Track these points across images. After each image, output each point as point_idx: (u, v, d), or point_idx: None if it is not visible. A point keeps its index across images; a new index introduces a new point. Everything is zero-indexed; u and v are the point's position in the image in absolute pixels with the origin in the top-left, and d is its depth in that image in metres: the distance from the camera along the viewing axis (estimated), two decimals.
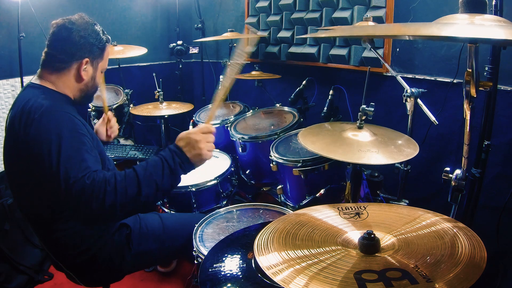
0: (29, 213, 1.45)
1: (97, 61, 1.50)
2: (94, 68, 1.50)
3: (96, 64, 1.50)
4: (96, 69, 1.51)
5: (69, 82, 1.46)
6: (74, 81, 1.46)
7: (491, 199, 1.93)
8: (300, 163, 1.94)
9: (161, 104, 2.99)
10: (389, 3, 2.25)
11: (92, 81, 1.52)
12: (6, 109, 2.91)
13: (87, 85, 1.51)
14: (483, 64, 1.70)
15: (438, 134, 2.18)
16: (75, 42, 1.41)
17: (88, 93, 1.54)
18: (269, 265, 0.89)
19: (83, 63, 1.44)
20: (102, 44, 1.50)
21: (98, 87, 1.58)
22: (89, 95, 1.56)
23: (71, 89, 1.47)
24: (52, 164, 1.21)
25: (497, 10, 1.60)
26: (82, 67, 1.44)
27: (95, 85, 1.55)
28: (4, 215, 2.36)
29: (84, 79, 1.47)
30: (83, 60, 1.43)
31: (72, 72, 1.44)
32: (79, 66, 1.44)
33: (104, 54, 1.53)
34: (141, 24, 3.76)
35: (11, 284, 2.26)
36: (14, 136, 1.32)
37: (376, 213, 1.14)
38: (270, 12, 3.06)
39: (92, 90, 1.55)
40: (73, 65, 1.43)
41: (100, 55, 1.51)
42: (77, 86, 1.48)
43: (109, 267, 1.55)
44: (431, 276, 0.79)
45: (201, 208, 2.17)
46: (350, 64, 2.54)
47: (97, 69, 1.52)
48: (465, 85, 1.08)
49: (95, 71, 1.51)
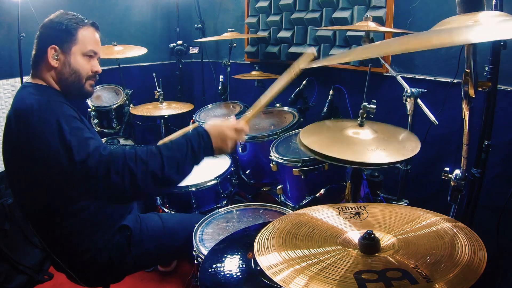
0: (31, 213, 1.45)
1: (68, 45, 1.43)
2: (67, 53, 1.43)
3: (68, 49, 1.43)
4: (70, 54, 1.44)
5: (46, 73, 1.44)
6: (47, 71, 1.44)
7: (491, 199, 1.93)
8: (300, 163, 1.94)
9: (161, 104, 2.99)
10: (389, 3, 2.25)
11: (68, 67, 1.44)
12: (6, 109, 2.91)
13: (62, 71, 1.44)
14: (483, 64, 1.70)
15: (438, 134, 2.17)
16: (41, 34, 1.43)
17: (71, 82, 1.46)
18: (269, 265, 0.89)
19: (49, 51, 1.41)
20: (69, 27, 1.42)
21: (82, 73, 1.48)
22: (74, 84, 1.47)
23: (52, 80, 1.46)
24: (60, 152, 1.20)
25: (497, 10, 1.60)
26: (49, 55, 1.41)
27: (75, 71, 1.46)
28: (4, 215, 2.36)
29: (55, 67, 1.43)
30: (48, 48, 1.41)
31: (44, 63, 1.43)
32: (46, 55, 1.42)
33: (76, 37, 1.44)
34: (141, 24, 3.77)
35: (11, 284, 2.26)
36: (12, 136, 1.32)
37: (376, 213, 1.14)
38: (270, 12, 3.06)
39: (74, 77, 1.46)
40: (43, 56, 1.42)
41: (70, 39, 1.43)
42: (53, 76, 1.45)
43: (109, 268, 1.55)
44: (431, 276, 0.79)
45: (201, 208, 2.17)
46: (350, 64, 2.54)
47: (71, 54, 1.44)
48: (463, 85, 1.08)
49: (68, 56, 1.44)
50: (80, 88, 1.50)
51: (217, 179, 2.17)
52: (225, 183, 2.27)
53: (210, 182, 2.15)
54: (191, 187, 2.09)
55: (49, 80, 1.45)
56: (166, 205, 2.24)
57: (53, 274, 2.42)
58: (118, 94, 3.15)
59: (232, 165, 2.34)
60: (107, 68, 3.49)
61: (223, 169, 2.25)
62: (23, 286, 2.31)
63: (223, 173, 2.21)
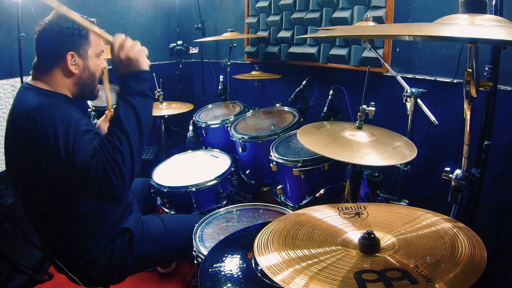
0: (33, 214, 1.45)
1: (84, 49, 1.42)
2: (84, 57, 1.43)
3: (85, 53, 1.43)
4: (87, 57, 1.44)
5: (61, 79, 1.42)
6: (65, 77, 1.42)
7: (491, 199, 1.93)
8: (300, 163, 1.94)
9: (161, 104, 2.99)
10: (389, 3, 2.26)
11: (87, 71, 1.45)
12: (6, 109, 2.91)
13: (81, 77, 1.45)
14: (483, 64, 1.70)
15: (438, 134, 2.17)
16: (53, 40, 1.37)
17: (87, 85, 1.48)
18: (269, 265, 0.89)
19: (68, 57, 1.38)
20: (81, 30, 1.40)
21: (97, 75, 1.51)
22: (89, 87, 1.49)
23: (65, 86, 1.44)
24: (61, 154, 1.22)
25: (497, 10, 1.60)
26: (69, 62, 1.39)
27: (93, 74, 1.48)
28: (4, 215, 2.35)
29: (75, 73, 1.42)
30: (67, 55, 1.38)
31: (60, 69, 1.40)
32: (65, 62, 1.39)
33: (89, 39, 1.43)
34: (141, 24, 3.76)
35: (11, 284, 2.26)
36: (13, 138, 1.32)
37: (376, 213, 1.14)
38: (270, 12, 3.06)
39: (91, 80, 1.48)
40: (60, 63, 1.39)
41: (85, 42, 1.42)
42: (70, 82, 1.44)
43: (110, 270, 1.55)
44: (431, 276, 0.79)
45: (201, 208, 2.17)
46: (350, 64, 2.54)
47: (88, 57, 1.44)
48: (465, 85, 1.08)
49: (86, 60, 1.44)
50: (92, 90, 1.53)
51: (217, 179, 2.17)
52: (225, 183, 2.27)
53: (210, 182, 2.15)
54: (191, 187, 2.09)
55: (54, 85, 1.42)
56: (166, 205, 2.24)
57: (53, 274, 2.42)
58: None
59: (232, 165, 2.34)
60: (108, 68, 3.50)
61: (223, 169, 2.25)
62: (23, 286, 2.31)
63: (223, 173, 2.21)
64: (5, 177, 2.45)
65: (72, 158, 1.22)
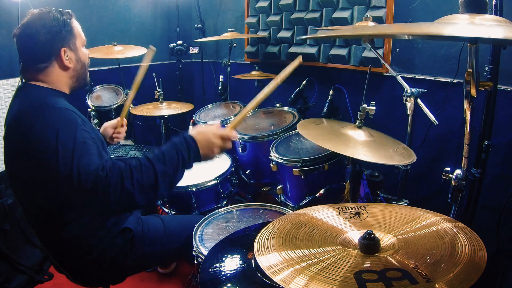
0: (32, 215, 1.44)
1: (73, 42, 1.46)
2: (75, 50, 1.47)
3: (74, 46, 1.47)
4: (77, 49, 1.48)
5: (58, 76, 1.44)
6: (61, 73, 1.45)
7: (491, 199, 1.93)
8: (300, 163, 1.94)
9: (161, 104, 2.98)
10: (389, 3, 2.25)
11: (80, 63, 1.50)
12: (6, 109, 2.91)
13: (76, 69, 1.49)
14: (483, 64, 1.70)
15: (438, 134, 2.17)
16: (44, 42, 1.38)
17: (81, 74, 1.53)
18: (269, 265, 0.89)
19: (62, 54, 1.41)
20: (67, 25, 1.43)
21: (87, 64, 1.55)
22: (83, 76, 1.54)
23: (63, 81, 1.46)
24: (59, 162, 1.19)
25: (497, 10, 1.60)
26: (63, 57, 1.42)
27: (84, 64, 1.53)
28: (4, 215, 2.36)
29: (70, 66, 1.46)
30: (61, 51, 1.41)
31: (56, 66, 1.43)
32: (60, 59, 1.42)
33: (74, 32, 1.47)
34: (141, 24, 3.76)
35: (11, 284, 2.26)
36: (15, 140, 1.32)
37: (376, 213, 1.14)
38: (270, 12, 3.06)
39: (83, 70, 1.53)
40: (54, 60, 1.42)
41: (72, 36, 1.46)
42: (66, 75, 1.47)
43: (111, 270, 1.55)
44: (431, 276, 0.79)
45: (201, 208, 2.17)
46: (350, 64, 2.54)
47: (77, 49, 1.49)
48: (465, 85, 1.08)
49: (77, 52, 1.48)
50: (85, 78, 1.57)
51: (217, 179, 2.17)
52: (225, 183, 2.27)
53: (210, 182, 2.15)
54: (191, 187, 2.09)
55: (52, 82, 1.43)
56: (166, 205, 2.24)
57: (53, 274, 2.42)
58: (118, 94, 3.15)
59: (232, 165, 2.34)
60: (107, 68, 3.49)
61: (223, 169, 2.25)
62: (23, 286, 2.31)
63: (223, 173, 2.21)
64: (5, 177, 2.45)
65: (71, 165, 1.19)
